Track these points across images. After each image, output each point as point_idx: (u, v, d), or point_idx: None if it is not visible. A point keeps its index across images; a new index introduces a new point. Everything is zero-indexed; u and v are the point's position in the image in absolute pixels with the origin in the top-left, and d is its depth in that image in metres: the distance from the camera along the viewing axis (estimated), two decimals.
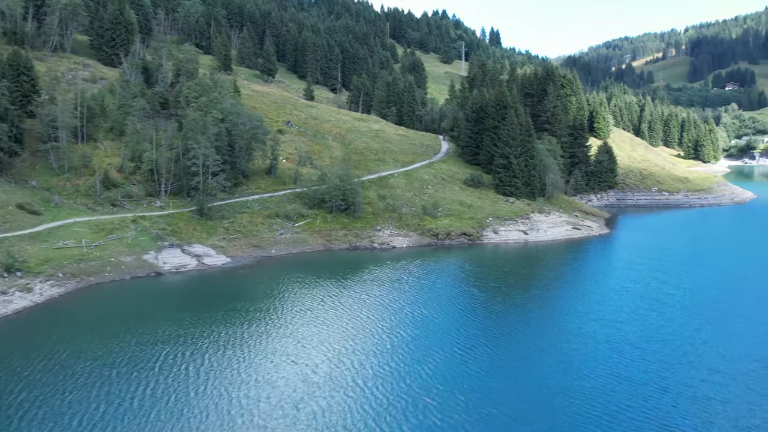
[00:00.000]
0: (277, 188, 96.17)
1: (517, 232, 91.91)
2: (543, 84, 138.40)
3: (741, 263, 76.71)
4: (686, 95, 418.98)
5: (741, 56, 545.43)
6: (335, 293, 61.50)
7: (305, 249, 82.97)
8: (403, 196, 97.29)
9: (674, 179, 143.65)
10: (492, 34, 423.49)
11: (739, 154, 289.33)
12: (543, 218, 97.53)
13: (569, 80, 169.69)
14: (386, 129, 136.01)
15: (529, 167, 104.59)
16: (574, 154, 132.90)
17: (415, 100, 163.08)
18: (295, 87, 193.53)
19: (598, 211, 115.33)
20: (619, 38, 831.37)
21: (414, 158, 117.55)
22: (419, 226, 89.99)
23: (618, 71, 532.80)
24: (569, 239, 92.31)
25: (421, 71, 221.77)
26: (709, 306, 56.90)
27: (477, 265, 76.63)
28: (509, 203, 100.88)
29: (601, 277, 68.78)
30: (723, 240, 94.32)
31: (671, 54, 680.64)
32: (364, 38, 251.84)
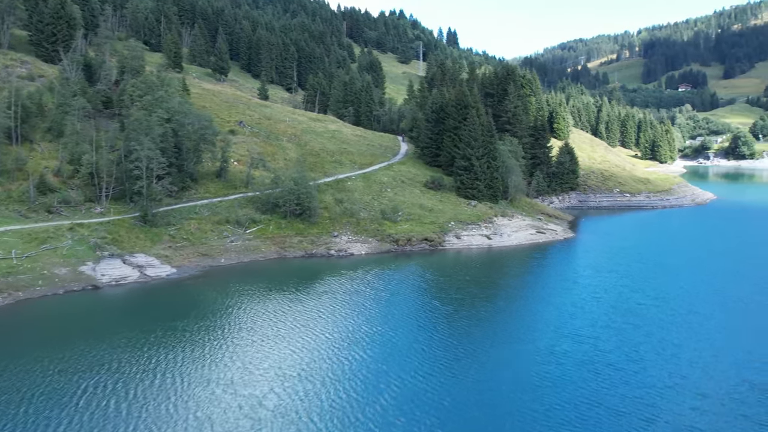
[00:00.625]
0: (227, 192, 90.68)
1: (480, 237, 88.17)
2: (503, 84, 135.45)
3: (710, 268, 74.16)
4: (641, 96, 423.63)
5: (693, 58, 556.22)
6: (287, 308, 56.62)
7: (257, 257, 77.85)
8: (361, 199, 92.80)
9: (635, 180, 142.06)
10: (449, 35, 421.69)
11: (694, 154, 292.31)
12: (506, 222, 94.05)
13: (528, 80, 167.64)
14: (343, 130, 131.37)
15: (492, 169, 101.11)
16: (536, 155, 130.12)
17: (373, 99, 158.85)
18: (249, 86, 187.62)
19: (561, 214, 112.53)
20: (573, 40, 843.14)
21: (372, 160, 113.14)
22: (378, 232, 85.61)
23: (574, 72, 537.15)
24: (534, 244, 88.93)
25: (379, 71, 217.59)
26: (686, 318, 53.56)
27: (439, 273, 72.43)
28: (471, 206, 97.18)
29: (570, 285, 65.03)
30: (689, 243, 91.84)
31: (625, 56, 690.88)
32: (320, 37, 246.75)
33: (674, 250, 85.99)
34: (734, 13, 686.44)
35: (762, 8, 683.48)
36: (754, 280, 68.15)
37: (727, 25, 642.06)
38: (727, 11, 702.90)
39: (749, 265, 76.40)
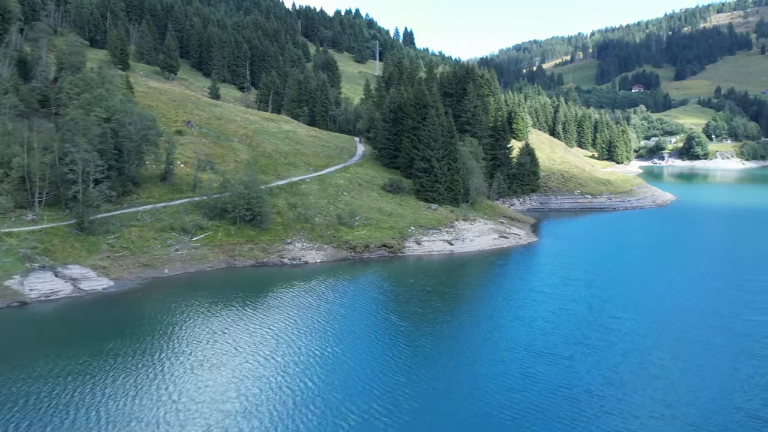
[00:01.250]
0: (173, 197, 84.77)
1: (441, 242, 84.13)
2: (462, 83, 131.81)
3: (681, 274, 71.13)
4: (595, 97, 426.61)
5: (645, 60, 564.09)
6: (232, 327, 51.47)
7: (204, 267, 72.39)
8: (316, 204, 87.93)
9: (596, 182, 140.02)
10: (406, 34, 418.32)
11: (649, 154, 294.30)
12: (468, 226, 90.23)
13: (487, 80, 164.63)
14: (298, 130, 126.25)
15: (452, 171, 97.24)
16: (496, 156, 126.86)
17: (329, 99, 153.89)
18: (200, 85, 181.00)
19: (523, 217, 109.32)
20: (528, 41, 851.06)
21: (328, 162, 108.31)
22: (334, 238, 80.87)
23: (529, 73, 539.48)
24: (497, 249, 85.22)
25: (335, 70, 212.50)
26: (663, 332, 49.92)
27: (398, 284, 67.95)
28: (432, 210, 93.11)
29: (538, 296, 60.93)
30: (655, 247, 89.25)
31: (579, 57, 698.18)
32: (274, 35, 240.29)
33: (641, 255, 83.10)
34: (684, 16, 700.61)
35: (711, 11, 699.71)
36: (727, 288, 65.39)
37: (677, 28, 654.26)
38: (677, 14, 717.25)
39: (720, 271, 73.81)
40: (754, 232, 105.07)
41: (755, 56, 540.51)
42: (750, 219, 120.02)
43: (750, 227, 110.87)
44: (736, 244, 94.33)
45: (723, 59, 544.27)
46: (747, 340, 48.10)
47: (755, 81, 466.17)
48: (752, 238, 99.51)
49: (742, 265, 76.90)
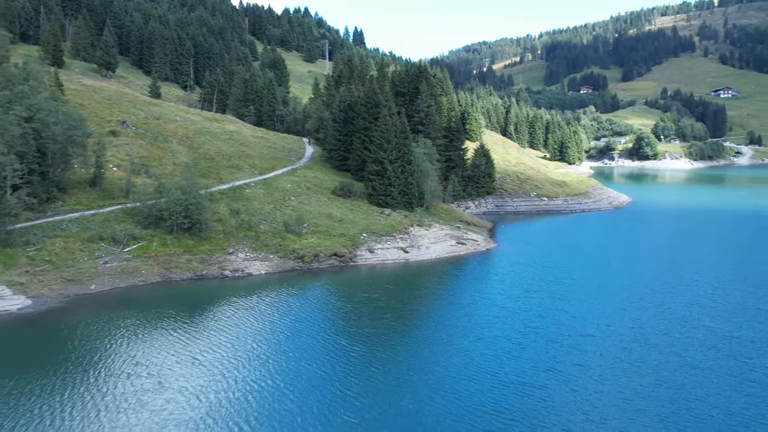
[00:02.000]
0: (103, 204, 77.56)
1: (395, 250, 78.95)
2: (415, 82, 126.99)
3: (649, 281, 67.32)
4: (545, 98, 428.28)
5: (593, 61, 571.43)
6: (160, 354, 45.18)
7: (137, 281, 65.63)
8: (261, 210, 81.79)
9: (552, 183, 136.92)
10: (356, 34, 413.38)
11: (599, 155, 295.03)
12: (424, 232, 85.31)
13: (440, 79, 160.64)
14: (243, 130, 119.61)
15: (406, 174, 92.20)
16: (450, 157, 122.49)
17: (276, 98, 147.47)
18: (141, 83, 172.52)
19: (480, 221, 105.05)
20: (477, 42, 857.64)
21: (275, 164, 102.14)
22: (281, 247, 74.89)
23: (480, 74, 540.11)
24: (455, 256, 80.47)
25: (283, 69, 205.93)
26: (641, 353, 45.35)
27: (349, 298, 62.43)
28: (385, 215, 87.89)
29: (501, 312, 55.60)
30: (617, 251, 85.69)
31: (528, 58, 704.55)
32: (220, 32, 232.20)
33: (603, 260, 79.43)
34: (630, 19, 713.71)
35: (655, 14, 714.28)
36: (701, 298, 61.84)
37: (623, 30, 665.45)
38: (623, 16, 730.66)
39: (688, 278, 70.40)
40: (714, 234, 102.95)
41: (698, 58, 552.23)
42: (707, 220, 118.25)
43: (708, 228, 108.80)
44: (698, 247, 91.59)
45: (668, 61, 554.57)
46: (735, 362, 44.00)
47: (699, 83, 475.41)
48: (713, 240, 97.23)
49: (711, 270, 73.73)
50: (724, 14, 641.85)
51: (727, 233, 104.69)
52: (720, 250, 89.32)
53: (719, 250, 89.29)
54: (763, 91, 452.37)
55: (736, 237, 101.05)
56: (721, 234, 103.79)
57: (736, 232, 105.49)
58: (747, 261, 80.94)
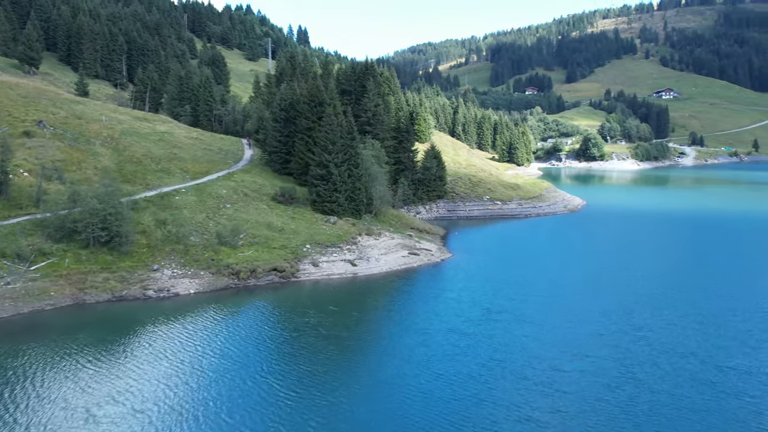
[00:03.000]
0: (9, 214, 67.89)
1: (342, 263, 71.46)
2: (362, 80, 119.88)
3: (625, 302, 61.20)
4: (491, 98, 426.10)
5: (537, 63, 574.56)
6: (70, 392, 37.08)
7: (44, 305, 56.62)
8: (191, 219, 73.26)
9: (505, 186, 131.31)
10: (300, 33, 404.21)
11: (546, 156, 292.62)
12: (373, 242, 78.09)
13: (387, 78, 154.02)
14: (175, 131, 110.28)
15: (354, 178, 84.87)
16: (400, 159, 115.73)
17: (213, 97, 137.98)
18: (67, 80, 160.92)
19: (433, 227, 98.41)
20: (423, 43, 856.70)
21: (209, 168, 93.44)
22: (213, 262, 66.63)
23: (426, 74, 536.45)
24: (407, 269, 73.41)
25: (222, 67, 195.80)
26: (636, 395, 38.63)
27: (288, 323, 54.58)
28: (330, 224, 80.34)
29: (461, 341, 48.11)
30: (579, 260, 79.84)
31: (473, 60, 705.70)
32: (156, 28, 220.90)
33: (568, 273, 73.38)
34: (572, 21, 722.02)
35: (597, 17, 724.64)
36: (684, 318, 56.28)
37: (566, 32, 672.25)
38: (565, 19, 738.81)
39: (665, 293, 64.99)
40: (677, 240, 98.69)
41: (640, 60, 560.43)
42: (665, 223, 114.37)
43: (670, 233, 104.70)
44: (664, 255, 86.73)
45: (610, 63, 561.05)
46: (738, 402, 38.01)
47: (641, 84, 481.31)
48: (679, 246, 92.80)
49: (687, 282, 68.58)
50: (663, 18, 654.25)
51: (689, 238, 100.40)
52: (689, 257, 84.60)
53: (686, 257, 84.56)
54: (703, 93, 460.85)
55: (700, 242, 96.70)
56: (685, 239, 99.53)
57: (698, 237, 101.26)
58: (720, 269, 76.22)
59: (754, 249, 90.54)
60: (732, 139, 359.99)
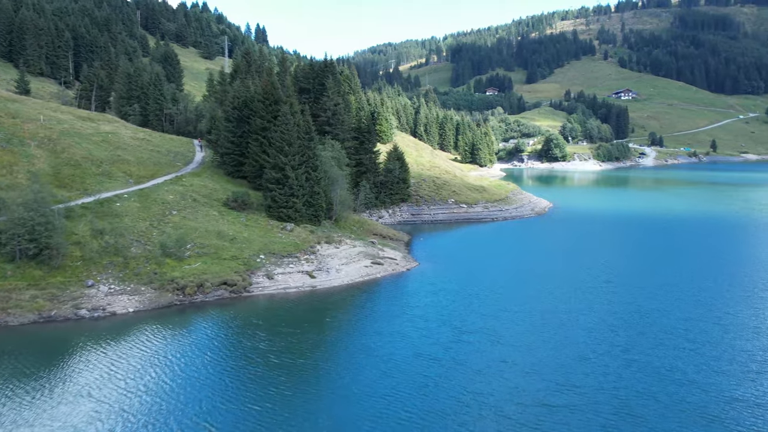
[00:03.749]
0: None
1: (300, 274, 65.64)
2: (321, 77, 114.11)
3: (608, 320, 56.64)
4: (452, 99, 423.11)
5: (497, 63, 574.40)
6: None
7: None
8: (133, 228, 66.69)
9: (470, 188, 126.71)
10: (258, 31, 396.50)
11: (508, 156, 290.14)
12: (333, 251, 72.43)
13: (347, 76, 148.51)
14: (121, 131, 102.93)
15: (312, 181, 79.08)
16: (361, 161, 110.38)
17: (164, 95, 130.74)
18: (8, 78, 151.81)
19: (397, 233, 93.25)
20: (383, 44, 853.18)
21: (156, 171, 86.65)
22: (156, 276, 60.25)
23: (386, 75, 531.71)
24: (370, 280, 67.95)
25: (175, 64, 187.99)
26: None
27: (234, 349, 48.34)
28: (287, 231, 74.41)
29: (431, 369, 42.64)
30: (559, 273, 74.51)
31: (433, 60, 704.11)
32: (105, 24, 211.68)
33: (542, 285, 68.63)
34: (531, 22, 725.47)
35: (556, 18, 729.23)
36: (674, 336, 51.89)
37: (526, 33, 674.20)
38: (525, 20, 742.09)
39: (650, 308, 60.72)
40: (651, 245, 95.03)
41: (599, 62, 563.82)
42: (635, 226, 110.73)
43: (643, 237, 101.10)
44: (643, 262, 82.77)
45: (570, 64, 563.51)
46: None
47: (600, 85, 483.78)
48: (654, 252, 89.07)
49: (672, 294, 64.46)
50: (621, 19, 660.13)
51: (663, 243, 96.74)
52: (667, 264, 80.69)
53: (666, 265, 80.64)
54: (661, 94, 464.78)
55: (674, 246, 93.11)
56: (659, 244, 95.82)
57: (671, 241, 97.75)
58: (700, 275, 72.47)
59: (727, 252, 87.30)
60: (690, 139, 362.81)
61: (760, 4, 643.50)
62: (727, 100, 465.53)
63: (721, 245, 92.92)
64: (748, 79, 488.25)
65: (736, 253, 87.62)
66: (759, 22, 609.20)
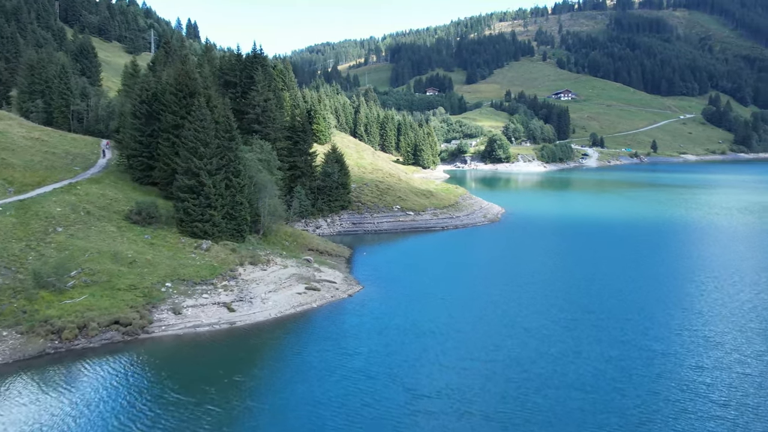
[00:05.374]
0: None
1: (216, 307, 52.71)
2: (249, 70, 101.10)
3: (591, 360, 46.12)
4: (392, 99, 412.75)
5: (437, 64, 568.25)
6: None
7: None
8: (3, 251, 52.59)
9: (417, 193, 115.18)
10: (189, 26, 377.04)
11: (451, 158, 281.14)
12: (259, 274, 59.71)
13: (281, 71, 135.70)
14: (13, 130, 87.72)
15: (233, 189, 65.95)
16: (295, 164, 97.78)
17: (71, 90, 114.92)
18: None
19: (336, 247, 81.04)
20: (321, 43, 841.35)
21: (45, 177, 71.98)
22: (26, 315, 46.44)
23: (325, 74, 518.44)
24: (304, 311, 55.42)
25: (92, 57, 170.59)
26: None
27: (122, 411, 35.72)
28: (202, 251, 61.24)
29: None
30: (527, 299, 63.40)
31: (372, 60, 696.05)
32: (14, 14, 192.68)
33: (504, 310, 57.46)
34: (470, 23, 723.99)
35: (494, 19, 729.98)
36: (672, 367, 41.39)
37: (464, 34, 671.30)
38: (463, 21, 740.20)
39: (632, 340, 50.27)
40: (609, 253, 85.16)
41: (538, 63, 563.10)
42: (598, 233, 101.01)
43: (607, 246, 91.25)
44: (617, 280, 72.62)
45: (509, 64, 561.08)
46: None
47: (540, 86, 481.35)
48: (611, 260, 79.17)
49: (657, 319, 54.21)
50: (558, 21, 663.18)
51: (623, 251, 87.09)
52: (644, 282, 70.76)
53: (645, 282, 70.72)
54: (600, 95, 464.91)
55: (629, 252, 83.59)
56: (619, 252, 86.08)
57: (626, 247, 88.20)
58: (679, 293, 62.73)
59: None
60: (630, 140, 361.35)
61: (691, 8, 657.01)
62: (663, 102, 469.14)
63: (702, 256, 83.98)
64: (683, 80, 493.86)
65: (711, 261, 78.62)
66: (690, 26, 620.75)
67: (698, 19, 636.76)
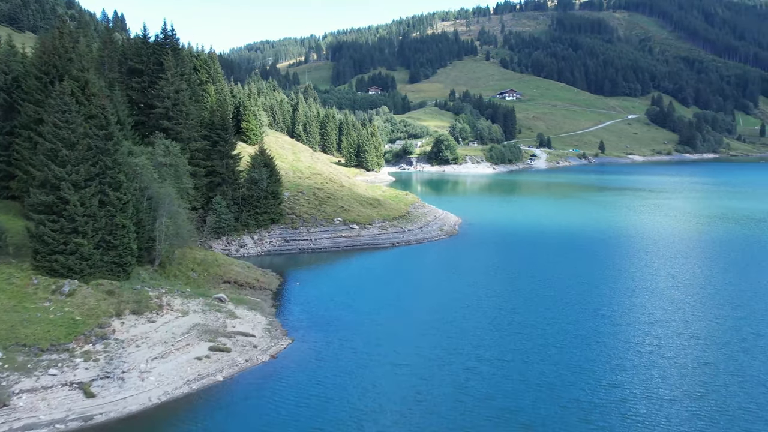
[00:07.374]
0: None
1: (66, 390, 34.96)
2: (158, 55, 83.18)
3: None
4: (334, 97, 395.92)
5: (379, 62, 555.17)
6: None
7: None
8: None
9: (361, 203, 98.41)
10: (116, 19, 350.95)
11: (396, 159, 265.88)
12: (144, 329, 42.16)
13: (205, 62, 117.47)
14: None
15: (112, 208, 47.89)
16: (214, 169, 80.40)
17: None
18: None
19: (261, 275, 63.78)
20: (260, 41, 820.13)
21: None
22: None
23: (263, 71, 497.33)
24: (203, 389, 38.20)
25: None
26: None
27: None
28: (62, 297, 43.12)
29: None
30: (510, 348, 48.12)
31: (313, 58, 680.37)
32: None
33: (476, 369, 41.81)
34: (412, 22, 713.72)
35: (436, 19, 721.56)
36: None
37: (407, 33, 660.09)
38: (405, 20, 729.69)
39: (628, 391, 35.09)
40: (598, 270, 70.41)
41: (481, 62, 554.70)
42: (569, 246, 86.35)
43: (586, 261, 76.45)
44: (605, 308, 57.62)
45: (452, 64, 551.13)
46: None
47: (484, 85, 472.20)
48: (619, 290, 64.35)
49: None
50: (500, 21, 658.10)
51: (609, 269, 72.65)
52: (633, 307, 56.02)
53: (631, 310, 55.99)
54: (544, 95, 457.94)
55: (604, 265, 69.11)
56: (613, 275, 71.53)
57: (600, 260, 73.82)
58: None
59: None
60: (576, 140, 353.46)
61: (630, 10, 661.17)
62: (607, 102, 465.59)
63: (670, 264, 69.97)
64: (626, 81, 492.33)
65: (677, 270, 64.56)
66: (630, 27, 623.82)
67: (638, 20, 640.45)
